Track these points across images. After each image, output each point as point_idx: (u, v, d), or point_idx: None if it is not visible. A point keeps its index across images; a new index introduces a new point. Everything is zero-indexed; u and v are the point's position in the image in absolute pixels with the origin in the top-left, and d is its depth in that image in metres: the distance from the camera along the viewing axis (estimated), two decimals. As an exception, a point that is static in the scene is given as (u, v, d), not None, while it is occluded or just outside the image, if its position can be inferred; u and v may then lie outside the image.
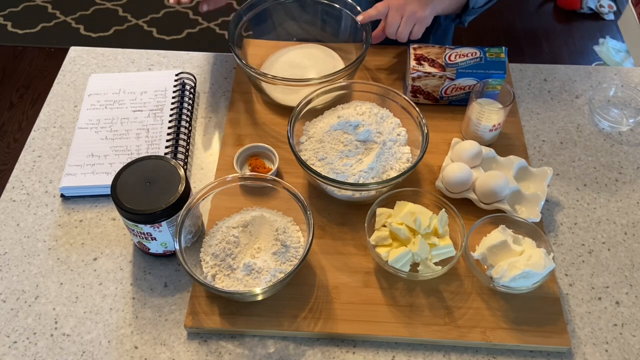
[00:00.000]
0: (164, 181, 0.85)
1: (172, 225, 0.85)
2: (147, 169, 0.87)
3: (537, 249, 0.86)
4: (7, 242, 0.95)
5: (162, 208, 0.83)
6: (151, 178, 0.85)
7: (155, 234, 0.86)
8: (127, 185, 0.84)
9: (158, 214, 0.83)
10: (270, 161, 1.03)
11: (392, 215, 0.91)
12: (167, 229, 0.86)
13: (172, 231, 0.86)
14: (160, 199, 0.83)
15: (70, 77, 1.20)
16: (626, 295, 0.90)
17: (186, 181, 0.86)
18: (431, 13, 1.09)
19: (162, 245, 0.89)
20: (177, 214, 0.85)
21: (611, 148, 1.09)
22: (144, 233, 0.86)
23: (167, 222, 0.85)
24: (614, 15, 2.81)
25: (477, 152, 0.98)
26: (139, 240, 0.90)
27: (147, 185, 0.85)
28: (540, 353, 0.84)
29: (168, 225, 0.85)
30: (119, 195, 0.83)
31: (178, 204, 0.84)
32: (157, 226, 0.84)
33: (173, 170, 0.86)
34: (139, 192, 0.84)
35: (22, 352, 0.84)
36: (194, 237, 0.89)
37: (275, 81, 1.02)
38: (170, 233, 0.87)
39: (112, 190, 0.84)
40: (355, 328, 0.85)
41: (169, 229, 0.86)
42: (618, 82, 1.19)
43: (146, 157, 0.88)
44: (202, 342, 0.85)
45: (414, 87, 1.09)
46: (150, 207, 0.82)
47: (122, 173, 0.86)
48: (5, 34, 2.66)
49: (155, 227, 0.85)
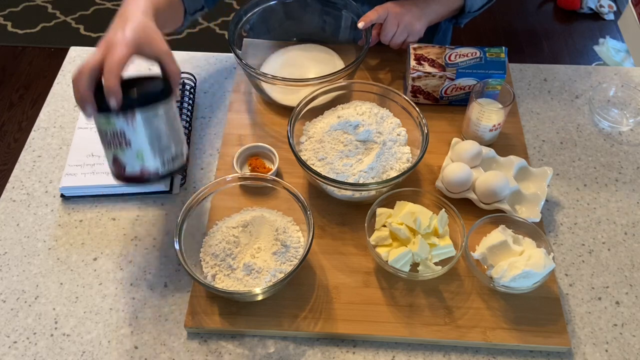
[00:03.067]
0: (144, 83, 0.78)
1: (149, 124, 0.76)
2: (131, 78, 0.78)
3: (537, 249, 0.86)
4: (7, 242, 0.95)
5: (136, 93, 0.74)
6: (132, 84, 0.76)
7: (129, 132, 0.75)
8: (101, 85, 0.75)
9: (131, 99, 0.74)
10: (270, 161, 1.03)
11: (392, 215, 0.91)
12: (142, 128, 0.76)
13: (149, 133, 0.76)
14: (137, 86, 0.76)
15: (70, 77, 1.20)
16: (626, 295, 0.90)
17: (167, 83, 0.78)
18: (424, 26, 1.12)
19: (138, 157, 0.77)
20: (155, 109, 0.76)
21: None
22: (116, 134, 0.75)
23: (143, 116, 0.75)
24: (614, 15, 2.81)
25: (477, 152, 0.98)
26: (113, 157, 0.78)
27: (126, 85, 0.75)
28: (540, 353, 0.84)
29: (144, 121, 0.75)
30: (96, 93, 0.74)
31: (154, 94, 0.76)
32: (130, 119, 0.74)
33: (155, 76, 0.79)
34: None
35: (22, 352, 0.84)
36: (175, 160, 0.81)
37: (275, 81, 1.02)
38: (148, 136, 0.76)
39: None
40: (355, 328, 0.85)
41: (145, 128, 0.76)
42: (618, 82, 1.19)
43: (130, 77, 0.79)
44: (202, 342, 0.85)
45: (414, 87, 1.09)
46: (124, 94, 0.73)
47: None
48: (5, 34, 2.66)
49: (129, 121, 0.75)
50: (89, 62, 0.74)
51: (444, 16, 1.16)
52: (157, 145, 0.78)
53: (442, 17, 1.16)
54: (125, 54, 0.74)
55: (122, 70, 0.74)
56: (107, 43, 0.75)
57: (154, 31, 0.79)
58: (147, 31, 0.78)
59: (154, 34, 0.79)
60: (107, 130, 0.76)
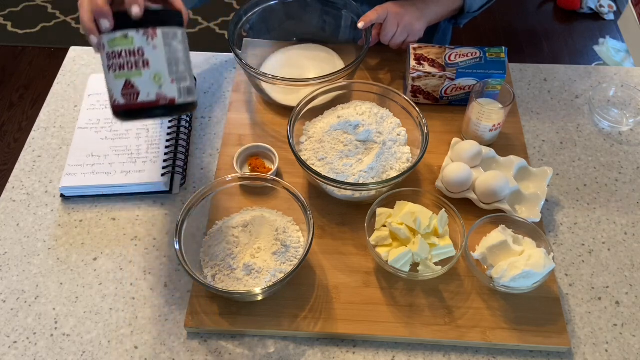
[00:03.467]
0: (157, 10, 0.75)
1: (169, 46, 0.72)
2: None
3: (537, 249, 0.86)
4: (7, 242, 0.95)
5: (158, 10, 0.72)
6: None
7: (148, 51, 0.71)
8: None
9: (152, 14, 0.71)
10: (270, 161, 1.03)
11: (392, 215, 0.91)
12: (162, 48, 0.72)
13: (168, 54, 0.72)
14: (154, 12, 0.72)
15: (70, 77, 1.20)
16: (626, 295, 0.90)
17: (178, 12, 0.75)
18: (424, 26, 1.12)
19: (156, 80, 0.72)
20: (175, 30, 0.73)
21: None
22: (134, 52, 0.71)
23: (164, 35, 0.72)
24: (614, 15, 2.81)
25: (477, 152, 0.98)
26: (126, 80, 0.72)
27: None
28: (540, 353, 0.84)
29: (165, 41, 0.72)
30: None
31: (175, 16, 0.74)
32: (151, 36, 0.71)
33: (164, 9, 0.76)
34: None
35: (22, 352, 0.84)
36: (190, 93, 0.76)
37: (275, 81, 1.02)
38: (166, 57, 0.72)
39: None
40: (355, 328, 0.85)
41: (165, 48, 0.72)
42: (618, 82, 1.19)
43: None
44: (202, 342, 0.85)
45: (414, 87, 1.09)
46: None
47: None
48: (5, 34, 2.66)
49: (150, 39, 0.71)
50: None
51: (443, 16, 1.16)
52: (175, 70, 0.73)
53: (441, 18, 1.16)
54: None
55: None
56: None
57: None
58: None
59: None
60: (123, 49, 0.71)
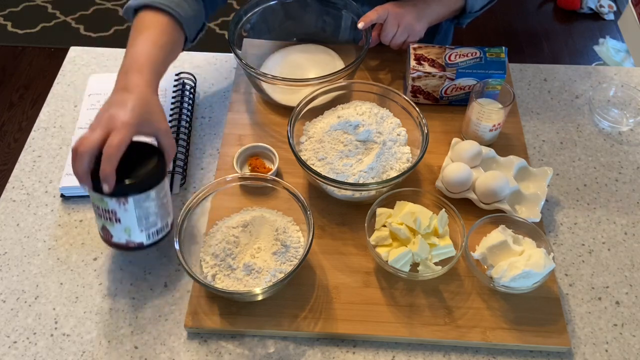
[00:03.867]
0: (138, 161, 0.80)
1: (139, 207, 0.80)
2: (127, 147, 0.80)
3: (537, 249, 0.86)
4: (7, 242, 0.95)
5: (131, 182, 0.77)
6: (126, 158, 0.78)
7: (120, 212, 0.79)
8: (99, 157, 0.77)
9: (126, 187, 0.77)
10: (270, 161, 1.03)
11: (392, 215, 0.91)
12: (133, 210, 0.79)
13: (138, 214, 0.80)
14: (132, 173, 0.78)
15: (70, 77, 1.20)
16: (626, 295, 0.90)
17: (161, 165, 0.81)
18: (425, 26, 1.12)
19: (126, 231, 0.82)
20: (147, 193, 0.79)
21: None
22: (108, 211, 0.79)
23: (135, 200, 0.79)
24: (614, 15, 2.81)
25: (477, 152, 0.98)
26: (102, 225, 0.83)
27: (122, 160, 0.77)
28: (540, 353, 0.84)
29: (135, 204, 0.79)
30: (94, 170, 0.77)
31: (148, 180, 0.79)
32: (123, 202, 0.78)
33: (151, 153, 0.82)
34: None
35: (22, 352, 0.84)
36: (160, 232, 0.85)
37: (275, 81, 1.02)
38: (137, 216, 0.80)
39: None
40: (355, 328, 0.85)
41: (135, 210, 0.80)
42: (618, 82, 1.19)
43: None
44: (202, 342, 0.85)
45: (414, 87, 1.09)
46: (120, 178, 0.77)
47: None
48: (5, 34, 2.66)
49: (121, 203, 0.78)
50: (89, 141, 0.76)
51: (444, 16, 1.16)
52: (145, 223, 0.82)
53: (442, 18, 1.16)
54: (125, 138, 0.77)
55: (120, 154, 0.76)
56: (109, 121, 0.78)
57: (155, 108, 0.83)
58: (149, 109, 0.82)
59: (155, 111, 0.83)
60: (99, 205, 0.80)
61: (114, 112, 0.79)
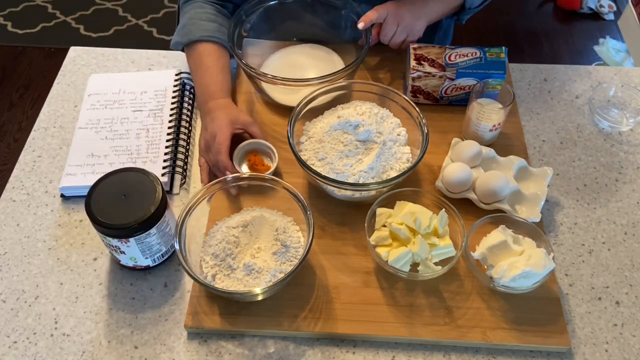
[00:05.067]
0: (139, 196, 0.84)
1: (141, 243, 0.84)
2: (128, 181, 0.86)
3: (537, 249, 0.86)
4: (7, 242, 0.95)
5: (131, 225, 0.82)
6: (128, 192, 0.84)
7: (123, 248, 0.85)
8: (102, 195, 0.84)
9: (126, 230, 0.82)
10: (269, 159, 1.03)
11: (392, 215, 0.91)
12: (135, 246, 0.85)
13: (141, 248, 0.85)
14: (132, 214, 0.82)
15: (70, 77, 1.20)
16: (626, 295, 0.90)
17: (162, 201, 0.84)
18: (424, 25, 1.12)
19: (132, 259, 0.88)
20: (147, 232, 0.83)
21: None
22: (112, 245, 0.85)
23: (136, 240, 0.84)
24: (614, 15, 2.81)
25: (477, 152, 0.98)
26: (110, 252, 0.89)
27: (123, 198, 0.84)
28: (540, 353, 0.84)
29: (137, 242, 0.84)
30: (91, 204, 0.83)
31: (147, 222, 0.83)
32: (124, 241, 0.83)
33: (152, 188, 0.85)
34: (113, 204, 0.83)
35: (22, 352, 0.84)
36: (165, 255, 0.91)
37: (275, 81, 1.02)
38: (140, 249, 0.86)
39: (86, 198, 0.83)
40: (355, 328, 0.85)
41: (137, 245, 0.85)
42: (618, 82, 1.19)
43: (128, 169, 0.87)
44: (202, 342, 0.85)
45: (414, 87, 1.09)
46: (120, 221, 0.81)
47: (100, 183, 0.85)
48: (5, 34, 2.66)
49: (123, 242, 0.84)
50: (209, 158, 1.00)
51: (444, 14, 1.16)
52: (148, 252, 0.87)
53: (442, 16, 1.16)
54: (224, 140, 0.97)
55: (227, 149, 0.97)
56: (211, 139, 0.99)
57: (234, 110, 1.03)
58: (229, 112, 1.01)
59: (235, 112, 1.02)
60: (104, 240, 0.86)
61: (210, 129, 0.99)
